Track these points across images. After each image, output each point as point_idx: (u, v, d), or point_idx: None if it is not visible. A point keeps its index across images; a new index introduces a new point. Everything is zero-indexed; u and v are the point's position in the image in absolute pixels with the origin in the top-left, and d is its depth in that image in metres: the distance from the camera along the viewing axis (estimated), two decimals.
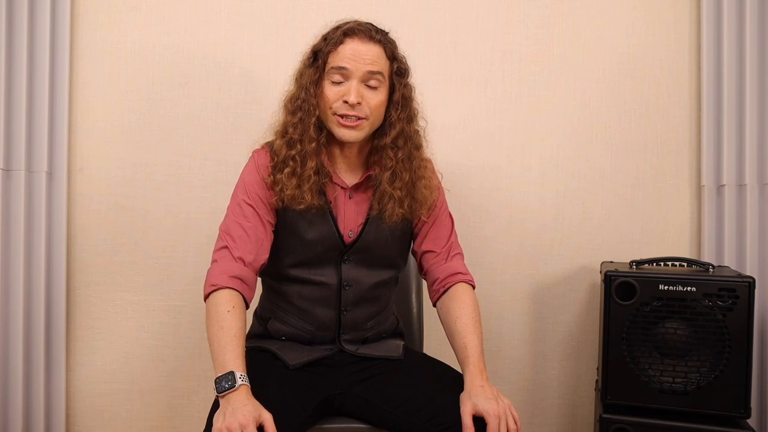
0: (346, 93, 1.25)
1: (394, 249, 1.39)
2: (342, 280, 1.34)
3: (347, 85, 1.26)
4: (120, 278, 1.87)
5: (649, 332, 1.55)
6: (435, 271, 1.39)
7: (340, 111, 1.26)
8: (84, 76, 1.85)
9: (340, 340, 1.37)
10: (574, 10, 1.90)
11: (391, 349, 1.41)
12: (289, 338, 1.37)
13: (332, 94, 1.27)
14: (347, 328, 1.37)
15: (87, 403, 1.89)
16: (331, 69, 1.27)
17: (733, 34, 1.79)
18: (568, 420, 1.95)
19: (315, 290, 1.34)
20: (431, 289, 1.40)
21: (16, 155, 1.74)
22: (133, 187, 1.86)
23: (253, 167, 1.33)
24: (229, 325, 1.16)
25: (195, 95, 1.87)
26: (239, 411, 1.03)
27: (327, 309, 1.35)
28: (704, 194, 1.83)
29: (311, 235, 1.31)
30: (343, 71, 1.26)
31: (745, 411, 1.50)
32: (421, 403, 1.23)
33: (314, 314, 1.35)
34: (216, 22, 1.87)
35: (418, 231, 1.42)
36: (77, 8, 1.83)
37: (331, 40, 1.28)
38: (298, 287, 1.35)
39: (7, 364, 1.74)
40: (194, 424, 1.91)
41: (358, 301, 1.36)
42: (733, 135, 1.79)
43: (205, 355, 1.90)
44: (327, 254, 1.33)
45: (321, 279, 1.34)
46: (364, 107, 1.26)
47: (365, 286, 1.36)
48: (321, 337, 1.37)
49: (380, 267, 1.38)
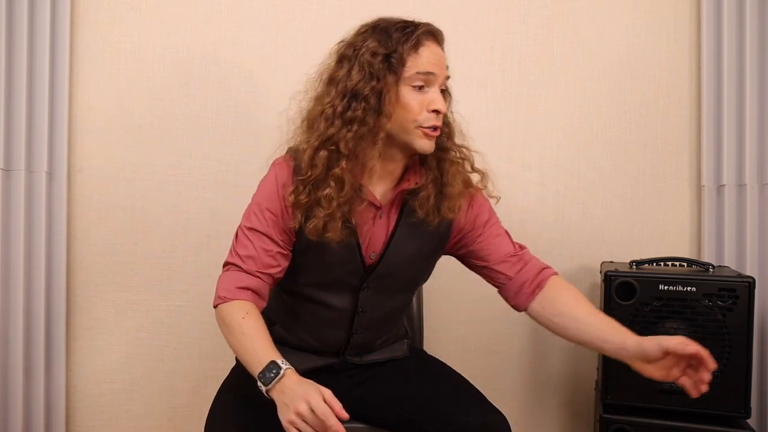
0: (432, 101, 1.12)
1: (418, 272, 1.29)
2: (357, 306, 1.25)
3: (431, 93, 1.13)
4: (120, 278, 1.87)
5: (649, 332, 1.54)
6: (518, 277, 1.25)
7: (429, 123, 1.12)
8: (84, 76, 1.85)
9: (344, 355, 1.32)
10: (574, 10, 1.90)
11: (395, 349, 1.38)
12: (292, 347, 1.30)
13: (416, 104, 1.11)
14: (355, 347, 1.31)
15: (87, 403, 1.89)
16: (417, 74, 1.11)
17: (733, 34, 1.79)
18: (568, 420, 1.95)
19: (327, 312, 1.25)
20: (518, 293, 1.25)
21: (16, 155, 1.74)
22: (133, 187, 1.86)
23: (272, 182, 1.19)
24: (249, 327, 1.08)
25: (195, 95, 1.87)
26: (299, 393, 0.95)
27: (337, 331, 1.28)
28: (704, 194, 1.83)
29: (331, 257, 1.18)
30: (430, 77, 1.12)
31: (745, 411, 1.50)
32: (421, 402, 1.23)
33: (323, 334, 1.28)
34: (216, 22, 1.87)
35: (473, 249, 1.27)
36: (77, 8, 1.83)
37: (408, 42, 1.11)
38: (311, 306, 1.26)
39: (7, 364, 1.74)
40: (194, 424, 1.91)
41: (370, 325, 1.29)
42: (733, 135, 1.79)
43: (205, 355, 1.90)
44: (346, 279, 1.22)
45: (335, 303, 1.24)
46: (443, 115, 1.16)
47: (381, 311, 1.28)
48: (325, 352, 1.31)
49: (401, 292, 1.30)
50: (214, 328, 1.89)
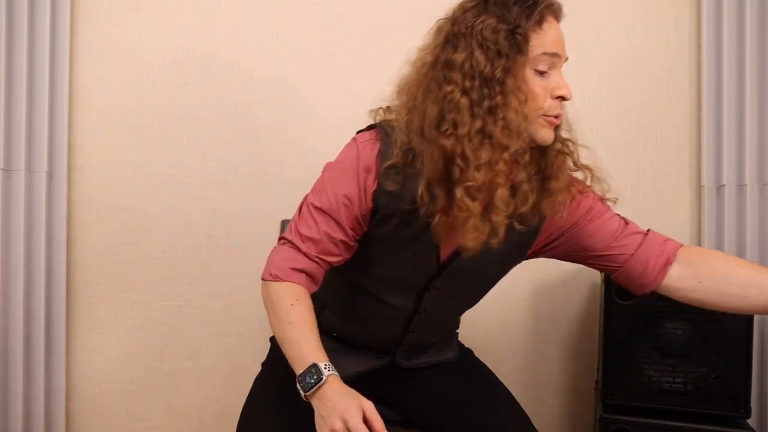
0: (557, 87, 0.98)
1: (495, 275, 1.17)
2: (419, 307, 1.15)
3: (554, 77, 0.99)
4: (120, 278, 1.87)
5: (649, 332, 1.55)
6: (641, 253, 1.10)
7: (554, 111, 0.99)
8: (84, 76, 1.85)
9: (395, 353, 1.23)
10: (574, 10, 1.89)
11: (446, 352, 1.28)
12: (340, 336, 1.21)
13: (541, 89, 0.97)
14: (407, 345, 1.22)
15: (87, 403, 1.89)
16: (542, 55, 0.97)
17: (733, 34, 1.79)
18: (568, 420, 1.95)
19: (386, 310, 1.16)
20: (645, 271, 1.10)
21: (16, 155, 1.74)
22: (133, 187, 1.86)
23: (353, 162, 1.04)
24: (297, 317, 0.99)
25: (195, 95, 1.87)
26: (338, 407, 0.87)
27: (392, 327, 1.18)
28: (704, 194, 1.83)
29: (405, 254, 1.07)
30: (554, 59, 0.99)
31: (745, 411, 1.50)
32: (455, 408, 1.18)
33: (377, 329, 1.19)
34: (216, 22, 1.87)
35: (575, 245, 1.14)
36: (77, 8, 1.83)
37: (531, 17, 0.97)
38: (368, 301, 1.16)
39: (7, 364, 1.74)
40: (194, 424, 1.91)
41: (428, 326, 1.20)
42: (733, 135, 1.79)
43: (206, 355, 1.90)
44: (414, 279, 1.11)
45: (396, 303, 1.14)
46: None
47: (442, 313, 1.19)
48: (375, 347, 1.22)
49: (467, 296, 1.20)
50: (214, 327, 1.90)
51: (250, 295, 1.89)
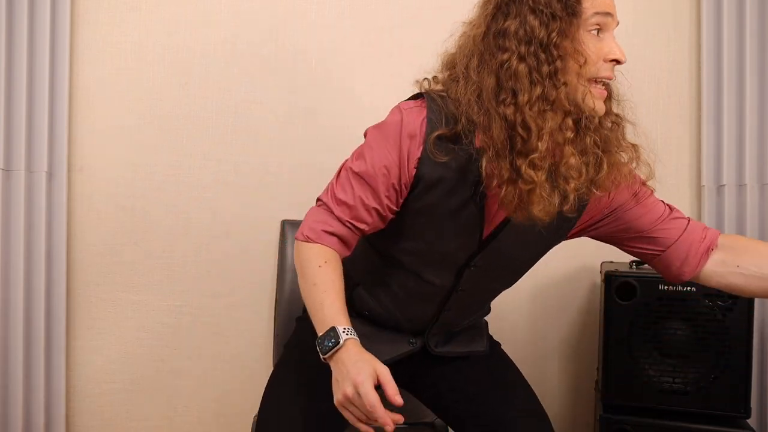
0: (610, 49, 0.95)
1: (534, 255, 1.17)
2: (458, 286, 1.13)
3: (608, 40, 0.95)
4: (120, 278, 1.87)
5: (649, 332, 1.55)
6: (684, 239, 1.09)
7: (602, 74, 0.96)
8: (84, 76, 1.85)
9: (428, 334, 1.21)
10: None
11: (475, 342, 1.27)
12: (373, 316, 1.18)
13: (595, 51, 0.94)
14: (442, 325, 1.21)
15: (87, 403, 1.89)
16: (595, 15, 0.93)
17: (733, 34, 1.79)
18: (568, 420, 1.95)
19: (423, 286, 1.13)
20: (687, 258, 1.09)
21: (16, 155, 1.74)
22: (133, 187, 1.86)
23: (396, 128, 1.01)
24: (323, 279, 0.98)
25: (195, 95, 1.87)
26: (352, 372, 0.87)
27: (428, 307, 1.16)
28: (704, 194, 1.83)
29: (448, 229, 1.05)
30: (607, 19, 0.94)
31: (745, 411, 1.50)
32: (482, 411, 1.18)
33: (412, 308, 1.17)
34: (216, 22, 1.87)
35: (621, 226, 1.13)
36: (77, 8, 1.83)
37: None
38: (405, 278, 1.14)
39: (7, 364, 1.74)
40: (194, 424, 1.91)
41: (465, 305, 1.19)
42: (733, 135, 1.79)
43: (206, 355, 1.90)
44: (455, 254, 1.09)
45: (435, 280, 1.12)
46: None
47: (480, 292, 1.18)
48: (408, 327, 1.20)
49: (507, 275, 1.19)
50: (214, 327, 1.90)
51: (250, 295, 1.89)
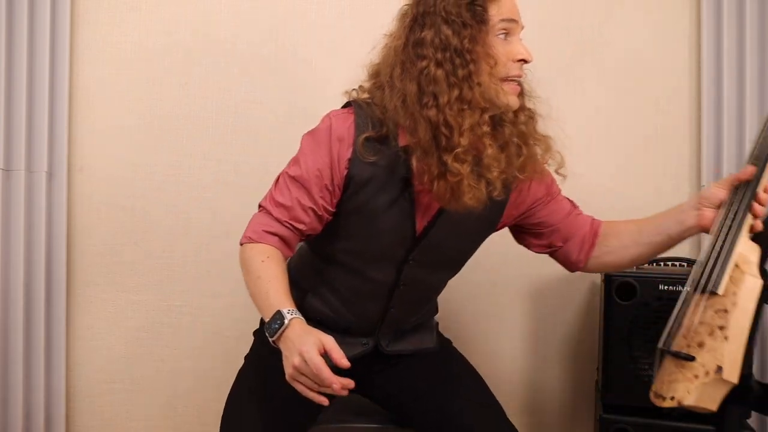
0: (517, 51, 1.06)
1: (468, 247, 1.25)
2: (399, 281, 1.19)
3: (514, 42, 1.07)
4: (120, 278, 1.87)
5: (649, 332, 1.55)
6: (579, 232, 1.27)
7: (512, 73, 1.06)
8: (84, 75, 1.85)
9: (378, 333, 1.26)
10: (575, 10, 1.90)
11: (425, 339, 1.32)
12: (325, 321, 1.21)
13: (503, 54, 1.05)
14: (390, 322, 1.25)
15: (87, 403, 1.89)
16: (501, 21, 1.04)
17: (733, 34, 1.79)
18: (568, 420, 1.95)
19: (366, 284, 1.19)
20: (581, 250, 1.26)
21: (16, 155, 1.74)
22: (133, 187, 1.86)
23: (326, 134, 1.11)
24: (266, 272, 1.05)
25: (195, 95, 1.87)
26: (297, 344, 0.93)
27: (374, 304, 1.21)
28: None
29: (383, 224, 1.12)
30: (513, 24, 1.06)
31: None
32: (426, 402, 1.21)
33: (359, 307, 1.22)
34: (216, 22, 1.87)
35: (537, 220, 1.26)
36: (77, 8, 1.83)
37: None
38: (348, 277, 1.20)
39: (7, 364, 1.74)
40: (194, 424, 1.91)
41: (410, 301, 1.25)
42: (733, 135, 1.79)
43: (206, 355, 1.90)
44: (391, 250, 1.15)
45: (376, 276, 1.18)
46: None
47: (423, 286, 1.24)
48: (358, 329, 1.24)
49: (445, 268, 1.26)
50: (214, 327, 1.90)
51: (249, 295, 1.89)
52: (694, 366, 1.03)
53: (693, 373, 1.04)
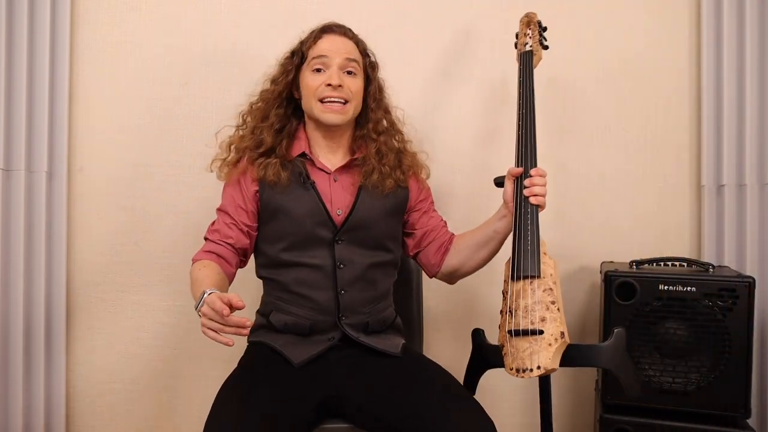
0: (328, 78, 1.36)
1: (386, 229, 1.44)
2: (336, 260, 1.37)
3: (328, 72, 1.37)
4: (120, 278, 1.87)
5: (649, 332, 1.55)
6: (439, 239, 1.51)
7: (324, 95, 1.36)
8: (84, 76, 1.85)
9: (341, 323, 1.37)
10: (574, 10, 1.90)
11: (392, 345, 1.41)
12: (291, 327, 1.38)
13: (314, 81, 1.38)
14: (346, 310, 1.38)
15: (87, 403, 1.89)
16: (312, 60, 1.39)
17: (733, 34, 1.79)
18: (568, 420, 1.95)
19: (311, 273, 1.37)
20: (436, 255, 1.50)
21: (16, 155, 1.74)
22: (133, 187, 1.86)
23: (233, 178, 1.43)
24: (201, 275, 1.27)
25: (195, 95, 1.87)
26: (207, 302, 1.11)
27: (324, 291, 1.37)
28: (704, 194, 1.83)
29: (298, 211, 1.36)
30: (324, 60, 1.38)
31: (745, 411, 1.50)
32: (403, 405, 1.23)
33: (313, 298, 1.37)
34: (216, 22, 1.87)
35: (420, 217, 1.52)
36: (77, 8, 1.83)
37: (309, 39, 1.43)
38: (294, 272, 1.38)
39: (7, 364, 1.74)
40: (194, 424, 1.91)
41: (354, 281, 1.38)
42: (733, 135, 1.79)
43: (206, 355, 1.90)
44: (318, 234, 1.37)
45: (315, 261, 1.37)
46: (346, 90, 1.37)
47: (360, 266, 1.39)
48: (322, 323, 1.37)
49: (373, 248, 1.42)
50: None
51: (249, 295, 1.89)
52: (545, 337, 1.23)
53: (547, 342, 1.23)
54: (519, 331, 1.26)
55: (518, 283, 1.31)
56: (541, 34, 1.58)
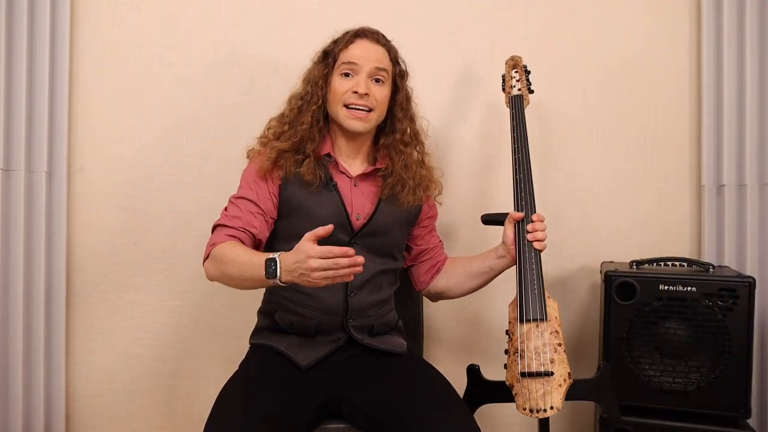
0: (355, 85, 1.37)
1: (397, 239, 1.47)
2: None
3: (356, 79, 1.38)
4: (120, 278, 1.87)
5: (649, 332, 1.55)
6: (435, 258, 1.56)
7: (350, 101, 1.38)
8: (84, 76, 1.85)
9: (348, 326, 1.38)
10: (574, 10, 1.90)
11: (396, 344, 1.43)
12: (297, 327, 1.38)
13: (342, 87, 1.39)
14: (354, 313, 1.39)
15: (87, 403, 1.89)
16: (342, 64, 1.40)
17: (733, 34, 1.79)
18: (568, 420, 1.95)
19: None
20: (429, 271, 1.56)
21: (16, 155, 1.74)
22: (133, 187, 1.86)
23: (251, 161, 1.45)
24: (241, 250, 1.25)
25: (195, 95, 1.87)
26: (298, 259, 1.11)
27: (334, 293, 1.37)
28: (704, 194, 1.83)
29: (319, 212, 1.36)
30: (353, 66, 1.39)
31: (745, 411, 1.50)
32: (395, 407, 1.24)
33: (322, 299, 1.37)
34: (216, 22, 1.87)
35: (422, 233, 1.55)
36: (77, 8, 1.83)
37: (341, 41, 1.42)
38: None
39: (7, 364, 1.74)
40: (194, 424, 1.90)
41: (363, 285, 1.39)
42: (733, 135, 1.79)
43: (206, 355, 1.90)
44: (335, 236, 1.31)
45: None
46: (371, 99, 1.38)
47: (370, 271, 1.39)
48: (328, 324, 1.38)
49: (383, 255, 1.44)
50: (214, 327, 1.90)
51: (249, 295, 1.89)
52: (555, 378, 1.32)
53: (557, 383, 1.32)
54: (532, 372, 1.32)
55: (525, 326, 1.36)
56: (527, 79, 1.61)
